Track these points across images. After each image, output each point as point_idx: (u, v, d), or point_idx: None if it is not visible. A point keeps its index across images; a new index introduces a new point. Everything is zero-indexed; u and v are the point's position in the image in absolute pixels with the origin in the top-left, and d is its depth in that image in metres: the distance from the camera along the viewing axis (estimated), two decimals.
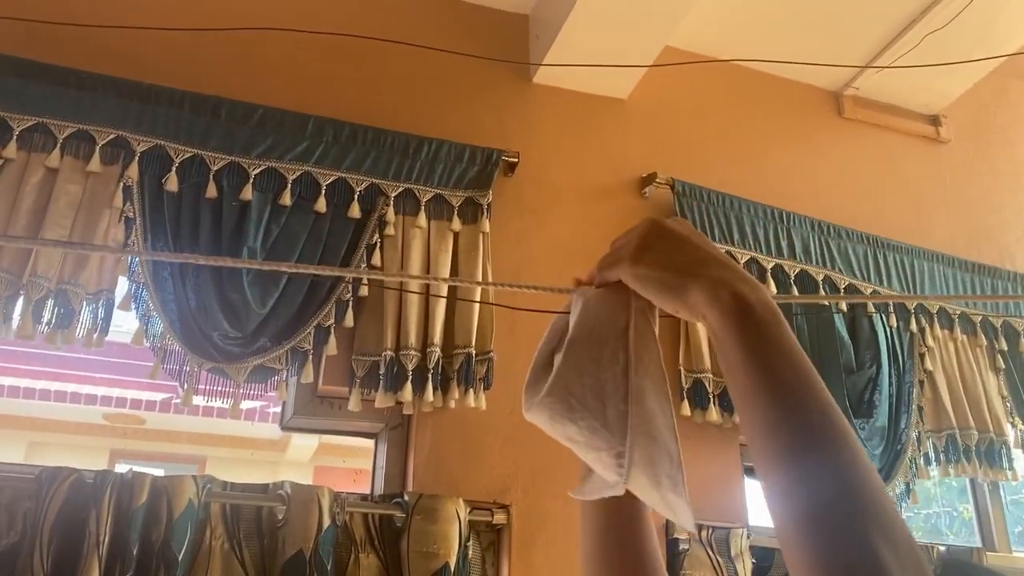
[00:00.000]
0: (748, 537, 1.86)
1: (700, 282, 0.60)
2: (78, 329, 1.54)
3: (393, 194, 1.85)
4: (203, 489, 1.51)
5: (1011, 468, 2.22)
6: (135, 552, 1.42)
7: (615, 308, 0.67)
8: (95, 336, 1.56)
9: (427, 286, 1.79)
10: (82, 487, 1.45)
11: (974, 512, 2.43)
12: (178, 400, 6.92)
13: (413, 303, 1.75)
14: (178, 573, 1.44)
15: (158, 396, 6.80)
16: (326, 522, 1.54)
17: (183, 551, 1.45)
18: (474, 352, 1.74)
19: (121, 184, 1.64)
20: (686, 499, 0.62)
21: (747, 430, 0.56)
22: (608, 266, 0.68)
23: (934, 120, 2.73)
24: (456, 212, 1.88)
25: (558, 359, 0.69)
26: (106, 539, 1.41)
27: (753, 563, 1.84)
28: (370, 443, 1.80)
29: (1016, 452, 2.29)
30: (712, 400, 1.94)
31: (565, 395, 0.65)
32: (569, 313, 0.74)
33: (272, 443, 7.69)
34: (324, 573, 1.51)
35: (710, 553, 1.80)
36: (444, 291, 1.77)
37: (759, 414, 0.54)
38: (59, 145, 1.63)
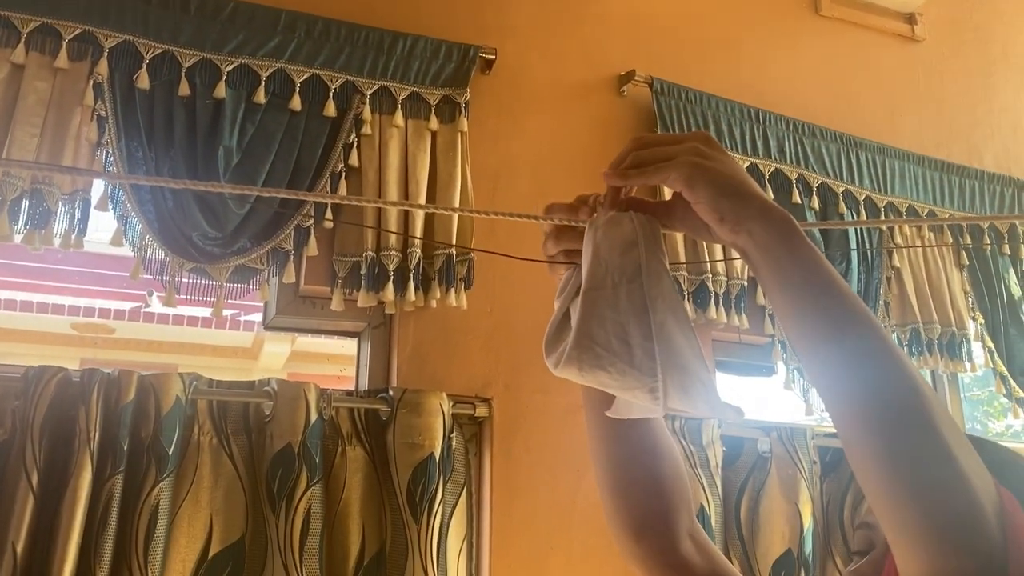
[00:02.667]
0: (719, 427, 1.93)
1: (756, 200, 0.67)
2: (56, 230, 1.53)
3: (369, 92, 1.82)
4: (190, 386, 1.54)
5: (970, 360, 2.32)
6: (126, 447, 1.45)
7: (625, 249, 0.70)
8: (73, 237, 1.54)
9: (406, 188, 1.78)
10: (69, 385, 1.47)
11: None
12: (147, 308, 6.86)
13: (392, 207, 1.75)
14: (169, 467, 1.47)
15: (127, 305, 6.75)
16: (313, 416, 1.57)
17: (173, 446, 1.48)
18: (455, 252, 1.76)
19: (91, 81, 1.59)
20: (724, 415, 0.69)
21: (800, 328, 0.64)
22: (657, 168, 0.69)
23: (910, 18, 2.72)
24: (433, 111, 1.86)
25: (575, 313, 0.71)
26: (96, 435, 1.43)
27: (724, 451, 1.92)
28: (346, 349, 1.82)
29: (975, 345, 2.37)
30: (686, 297, 1.98)
31: (590, 345, 0.68)
32: (577, 266, 0.76)
33: (244, 351, 7.70)
34: (312, 464, 1.55)
35: (683, 442, 1.87)
36: (423, 197, 1.77)
37: (812, 313, 0.63)
38: (23, 40, 1.58)
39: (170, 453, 1.47)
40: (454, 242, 1.76)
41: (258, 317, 6.53)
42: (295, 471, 1.54)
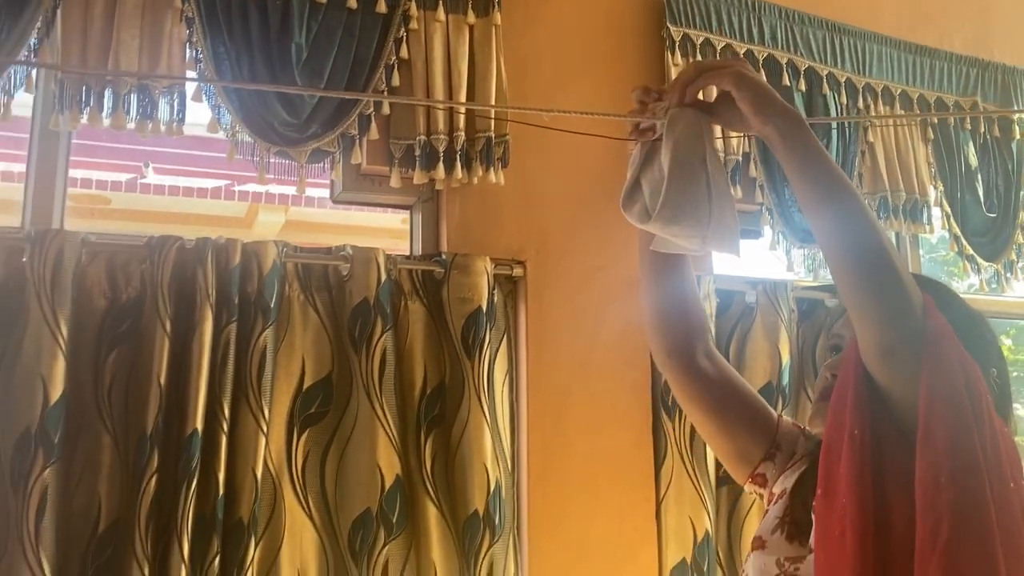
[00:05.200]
0: (713, 283, 2.27)
1: (779, 103, 0.97)
2: (161, 120, 1.79)
3: None
4: (282, 251, 1.84)
5: (929, 223, 2.66)
6: (236, 302, 1.77)
7: (695, 141, 1.03)
8: (175, 126, 1.81)
9: (449, 78, 2.03)
10: (185, 251, 1.77)
11: None
12: (144, 180, 7.02)
13: (439, 94, 2.01)
14: (272, 317, 1.79)
15: (123, 176, 6.88)
16: (383, 276, 1.89)
17: (273, 301, 1.80)
18: (493, 136, 2.03)
19: None
20: (737, 243, 1.03)
21: (805, 192, 0.95)
22: (712, 74, 1.01)
23: None
24: (470, 5, 2.08)
25: (646, 177, 1.04)
26: (213, 292, 1.74)
27: (717, 302, 2.27)
28: (340, 219, 2.05)
29: (935, 210, 2.72)
30: None
31: (674, 204, 1.01)
32: (644, 144, 1.09)
33: (238, 220, 7.88)
34: (385, 315, 1.88)
35: None
36: (464, 86, 2.03)
37: (816, 182, 0.94)
38: None
39: (272, 306, 1.79)
40: (492, 126, 2.03)
41: (252, 188, 6.75)
42: (372, 320, 1.87)
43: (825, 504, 0.94)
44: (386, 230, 5.73)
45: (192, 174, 6.36)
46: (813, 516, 0.99)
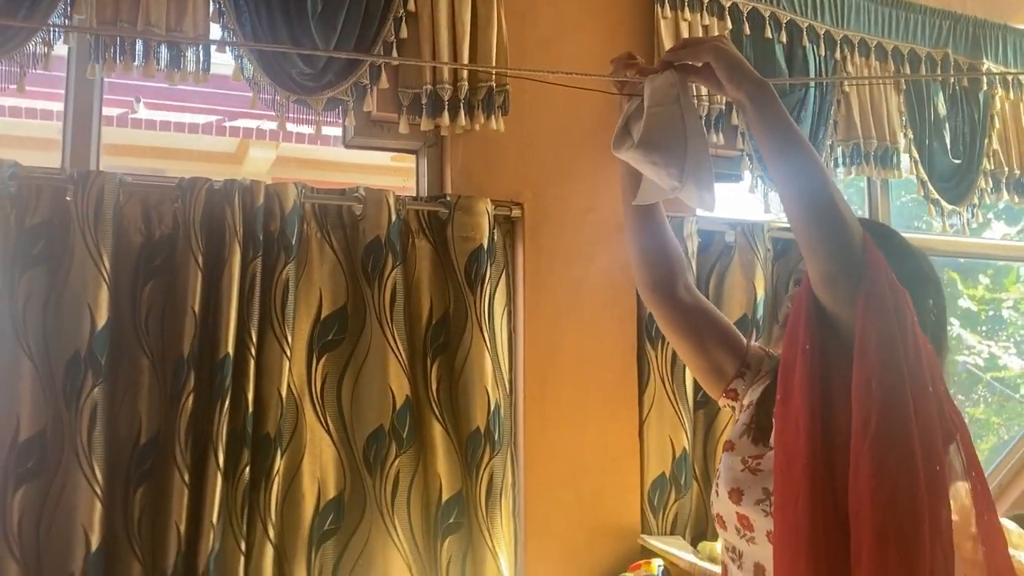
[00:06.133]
0: (696, 224, 2.46)
1: (751, 73, 1.14)
2: (189, 68, 1.92)
3: None
4: (301, 193, 2.01)
5: (898, 168, 2.85)
6: (261, 239, 1.94)
7: (670, 88, 1.19)
8: (201, 74, 1.95)
9: (453, 28, 2.17)
10: (214, 192, 1.93)
11: (867, 210, 3.08)
12: (135, 115, 7.06)
13: (444, 45, 2.15)
14: (293, 253, 1.97)
15: (115, 111, 6.92)
16: (393, 216, 2.07)
17: (294, 238, 1.97)
18: (494, 85, 2.18)
19: None
20: (713, 194, 1.18)
21: (770, 152, 1.12)
22: (695, 49, 1.17)
23: None
24: None
25: (635, 126, 1.20)
26: (240, 229, 1.91)
27: (699, 241, 2.46)
28: (329, 155, 2.16)
29: (904, 156, 2.90)
30: None
31: (649, 139, 1.18)
32: (630, 99, 1.24)
33: (228, 156, 7.94)
34: (395, 251, 2.06)
35: None
36: (468, 36, 2.17)
37: (777, 139, 1.11)
38: None
39: (293, 243, 1.97)
40: (493, 76, 2.18)
41: (244, 123, 6.83)
42: (384, 256, 2.04)
43: (783, 408, 1.14)
44: (373, 167, 5.91)
45: (183, 109, 6.42)
46: (774, 420, 1.19)
